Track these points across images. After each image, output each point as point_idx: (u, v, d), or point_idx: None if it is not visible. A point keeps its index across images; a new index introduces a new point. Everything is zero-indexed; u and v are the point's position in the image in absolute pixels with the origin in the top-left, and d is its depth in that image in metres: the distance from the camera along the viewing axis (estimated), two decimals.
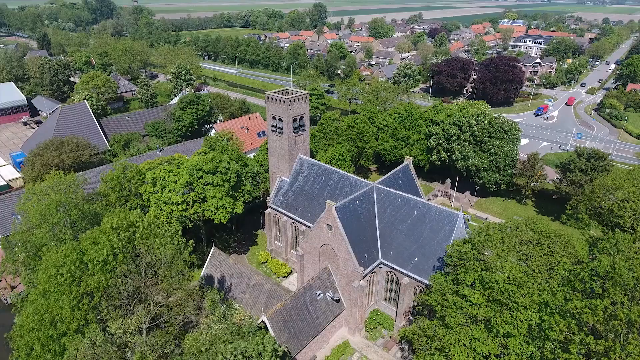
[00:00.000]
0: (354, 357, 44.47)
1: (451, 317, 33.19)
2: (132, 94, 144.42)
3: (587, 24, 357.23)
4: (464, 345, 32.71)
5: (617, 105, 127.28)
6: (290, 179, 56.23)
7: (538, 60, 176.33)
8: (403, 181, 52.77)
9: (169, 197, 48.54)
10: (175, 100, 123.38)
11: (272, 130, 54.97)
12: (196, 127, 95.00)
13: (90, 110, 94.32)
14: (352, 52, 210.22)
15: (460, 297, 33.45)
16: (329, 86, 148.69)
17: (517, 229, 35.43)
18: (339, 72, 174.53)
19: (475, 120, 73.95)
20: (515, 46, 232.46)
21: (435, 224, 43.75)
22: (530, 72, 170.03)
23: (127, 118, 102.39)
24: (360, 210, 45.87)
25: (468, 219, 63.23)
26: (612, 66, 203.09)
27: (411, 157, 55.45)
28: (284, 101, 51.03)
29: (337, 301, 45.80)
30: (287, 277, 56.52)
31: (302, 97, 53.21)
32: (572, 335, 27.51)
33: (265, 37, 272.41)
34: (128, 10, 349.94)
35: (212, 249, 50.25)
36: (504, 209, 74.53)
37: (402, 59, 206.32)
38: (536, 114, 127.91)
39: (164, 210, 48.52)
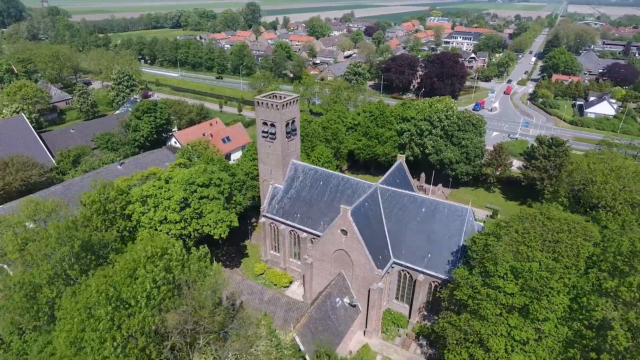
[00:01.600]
0: (377, 359, 44.28)
1: (487, 309, 34.11)
2: (67, 103, 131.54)
3: (503, 20, 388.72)
4: (501, 334, 33.85)
5: (548, 94, 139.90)
6: (284, 185, 54.42)
7: (473, 55, 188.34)
8: (400, 179, 53.45)
9: (164, 216, 44.63)
10: (122, 110, 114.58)
11: (263, 137, 52.72)
12: (155, 136, 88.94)
13: (29, 124, 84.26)
14: (295, 51, 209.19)
15: (493, 288, 34.47)
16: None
17: (534, 219, 37.26)
18: (286, 72, 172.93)
19: (445, 115, 77.03)
20: (448, 42, 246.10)
21: (445, 219, 44.79)
22: (467, 66, 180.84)
23: (71, 130, 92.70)
24: (369, 212, 45.65)
25: None
26: (533, 58, 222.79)
27: (403, 156, 56.24)
28: (277, 106, 49.15)
29: (354, 306, 45.26)
30: (288, 286, 54.83)
31: (294, 101, 51.73)
32: (612, 312, 29.48)
33: (202, 37, 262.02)
34: (41, 12, 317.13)
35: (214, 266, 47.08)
36: (476, 198, 78.60)
37: (346, 57, 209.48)
38: (474, 109, 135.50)
39: (160, 231, 44.53)
